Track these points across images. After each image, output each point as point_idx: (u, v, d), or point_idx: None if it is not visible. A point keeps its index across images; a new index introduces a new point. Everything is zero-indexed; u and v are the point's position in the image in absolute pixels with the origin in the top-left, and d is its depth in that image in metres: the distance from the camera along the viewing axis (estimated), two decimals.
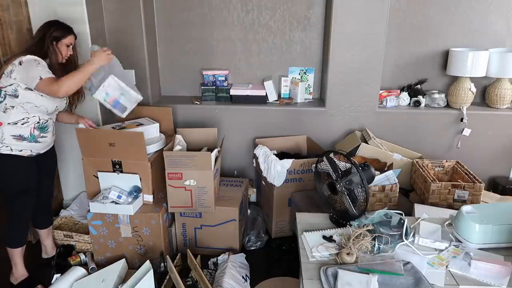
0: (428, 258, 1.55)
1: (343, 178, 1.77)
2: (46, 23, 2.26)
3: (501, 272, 1.46)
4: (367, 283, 1.37)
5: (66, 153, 2.93)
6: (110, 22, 2.93)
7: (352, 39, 2.88)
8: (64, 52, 2.26)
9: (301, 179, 2.73)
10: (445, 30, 3.09)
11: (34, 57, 2.12)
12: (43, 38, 2.20)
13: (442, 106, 3.12)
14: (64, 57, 2.27)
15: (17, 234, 2.31)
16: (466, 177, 2.51)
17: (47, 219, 2.57)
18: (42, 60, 2.14)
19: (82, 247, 2.64)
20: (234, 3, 3.08)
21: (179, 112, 3.13)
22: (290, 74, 3.23)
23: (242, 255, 2.54)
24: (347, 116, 3.08)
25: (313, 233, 1.70)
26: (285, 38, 3.15)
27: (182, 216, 2.62)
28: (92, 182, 2.47)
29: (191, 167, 2.40)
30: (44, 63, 2.15)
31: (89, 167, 2.44)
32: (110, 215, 2.39)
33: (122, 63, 3.00)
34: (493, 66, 2.95)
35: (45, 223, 2.55)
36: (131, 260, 2.49)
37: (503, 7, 3.01)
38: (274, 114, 3.11)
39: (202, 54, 3.22)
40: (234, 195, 2.69)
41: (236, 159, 3.25)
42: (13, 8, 2.54)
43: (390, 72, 3.20)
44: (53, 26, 2.24)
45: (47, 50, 2.20)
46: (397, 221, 1.67)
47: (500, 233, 1.60)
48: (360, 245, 1.56)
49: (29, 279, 2.38)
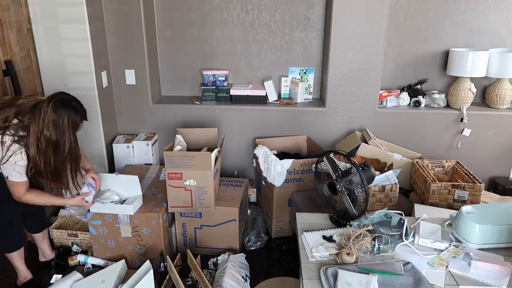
0: (428, 258, 1.55)
1: (343, 178, 1.77)
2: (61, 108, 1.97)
3: (501, 272, 1.46)
4: (367, 283, 1.37)
5: None
6: (110, 22, 2.93)
7: (352, 39, 2.88)
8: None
9: (301, 179, 2.73)
10: (445, 30, 3.09)
11: (19, 152, 1.91)
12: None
13: (442, 106, 3.12)
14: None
15: (10, 238, 2.26)
16: (466, 177, 2.51)
17: (39, 224, 2.50)
18: (23, 158, 1.93)
19: (88, 245, 2.63)
20: (234, 3, 3.08)
21: (179, 112, 3.13)
22: (290, 74, 3.23)
23: (242, 255, 2.54)
24: (347, 116, 3.08)
25: (313, 233, 1.70)
26: (285, 38, 3.15)
27: (182, 216, 2.62)
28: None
29: (191, 167, 2.40)
30: (23, 162, 1.93)
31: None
32: (110, 215, 2.39)
33: (122, 63, 3.03)
34: (493, 66, 2.95)
35: (37, 227, 2.49)
36: (131, 260, 2.49)
37: (503, 7, 3.01)
38: (274, 114, 3.11)
39: (202, 54, 3.22)
40: (234, 195, 2.69)
41: (236, 159, 3.25)
42: (13, 8, 2.54)
43: (390, 72, 3.20)
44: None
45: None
46: (397, 221, 1.67)
47: (500, 233, 1.60)
48: (360, 245, 1.56)
49: (32, 281, 2.37)
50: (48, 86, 2.77)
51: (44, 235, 2.55)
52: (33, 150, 1.93)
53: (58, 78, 2.75)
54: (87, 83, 2.78)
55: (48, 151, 1.95)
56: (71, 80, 2.76)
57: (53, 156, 1.97)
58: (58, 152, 1.98)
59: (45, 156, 1.95)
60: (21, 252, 2.32)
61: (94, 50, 2.76)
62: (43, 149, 1.94)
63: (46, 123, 1.91)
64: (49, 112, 1.92)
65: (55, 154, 1.97)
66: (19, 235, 2.32)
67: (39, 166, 1.97)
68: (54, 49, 2.71)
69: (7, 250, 2.29)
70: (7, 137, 1.91)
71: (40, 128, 1.91)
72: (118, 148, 3.03)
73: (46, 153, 1.95)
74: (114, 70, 3.06)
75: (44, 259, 2.58)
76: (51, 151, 1.96)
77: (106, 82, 2.98)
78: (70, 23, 2.66)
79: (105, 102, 2.98)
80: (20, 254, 2.32)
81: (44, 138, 1.92)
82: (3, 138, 1.91)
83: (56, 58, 2.72)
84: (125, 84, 3.09)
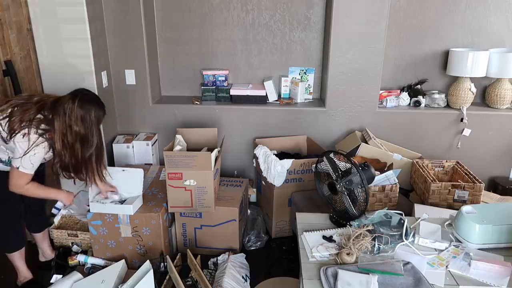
0: (428, 258, 1.55)
1: (343, 178, 1.77)
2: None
3: (501, 272, 1.46)
4: (367, 283, 1.37)
5: None
6: (110, 22, 2.93)
7: (352, 39, 2.88)
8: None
9: (301, 179, 2.73)
10: (445, 30, 3.09)
11: (42, 145, 1.99)
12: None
13: (442, 106, 3.12)
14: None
15: (11, 238, 2.27)
16: (466, 177, 2.51)
17: (40, 224, 2.52)
18: (43, 151, 2.01)
19: (88, 245, 2.63)
20: (234, 3, 3.08)
21: (179, 112, 3.13)
22: (290, 74, 3.23)
23: (242, 255, 2.54)
24: (347, 116, 3.08)
25: (313, 233, 1.70)
26: (285, 38, 3.15)
27: (182, 216, 2.62)
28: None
29: (191, 167, 2.40)
30: (41, 154, 2.01)
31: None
32: (110, 215, 2.39)
33: (122, 63, 3.03)
34: (493, 66, 2.95)
35: (38, 227, 2.50)
36: (131, 260, 2.49)
37: (503, 7, 3.01)
38: (274, 114, 3.11)
39: (202, 54, 3.22)
40: (234, 195, 2.69)
41: (236, 159, 3.25)
42: (13, 8, 2.54)
43: (390, 72, 3.20)
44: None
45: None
46: (397, 221, 1.67)
47: (500, 233, 1.60)
48: (360, 245, 1.56)
49: (33, 281, 2.37)
50: (48, 86, 2.77)
51: (44, 235, 2.56)
52: (58, 144, 2.01)
53: (58, 78, 2.75)
54: (87, 83, 2.78)
55: (76, 145, 2.04)
56: (71, 80, 2.76)
57: (80, 150, 2.06)
58: (86, 146, 2.08)
59: (72, 150, 2.04)
60: (22, 252, 2.33)
61: (94, 50, 2.76)
62: (70, 144, 2.02)
63: (74, 119, 2.00)
64: (75, 109, 2.00)
65: (82, 147, 2.06)
66: (21, 235, 2.33)
67: (63, 160, 2.05)
68: (54, 49, 2.70)
69: (8, 250, 2.29)
70: (33, 130, 1.98)
71: (67, 124, 1.99)
72: (118, 148, 3.03)
73: (74, 147, 2.04)
74: (114, 70, 3.06)
75: (44, 259, 2.59)
76: (79, 145, 2.05)
77: (106, 82, 2.98)
78: (70, 23, 2.66)
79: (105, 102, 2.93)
80: (21, 254, 2.33)
81: (72, 133, 2.01)
82: (29, 132, 1.97)
83: (56, 58, 2.71)
84: (125, 84, 3.09)
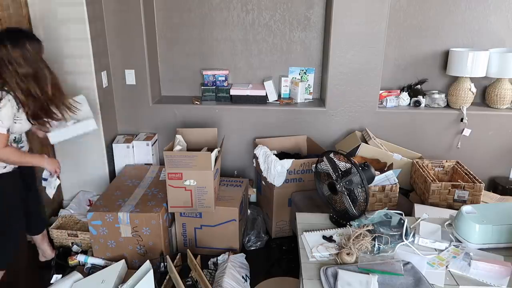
0: (428, 258, 1.55)
1: (343, 178, 1.77)
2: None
3: (501, 272, 1.46)
4: (367, 283, 1.37)
5: (63, 155, 2.95)
6: (110, 22, 2.93)
7: (352, 39, 2.88)
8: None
9: (301, 179, 2.73)
10: (445, 30, 3.09)
11: (6, 98, 1.92)
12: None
13: (442, 106, 3.12)
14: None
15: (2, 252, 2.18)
16: (466, 177, 2.51)
17: (39, 226, 2.50)
18: (10, 106, 1.92)
19: (88, 245, 2.63)
20: (234, 3, 3.08)
21: (179, 112, 3.13)
22: (290, 74, 3.23)
23: (242, 255, 2.54)
24: (347, 116, 3.08)
25: (313, 233, 1.70)
26: (285, 38, 3.15)
27: (182, 216, 2.62)
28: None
29: (191, 167, 2.40)
30: (9, 109, 1.92)
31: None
32: (110, 215, 2.39)
33: (122, 63, 3.03)
34: (493, 66, 2.95)
35: (37, 229, 2.49)
36: (131, 260, 2.49)
37: (503, 7, 3.01)
38: (274, 114, 3.11)
39: (202, 54, 3.22)
40: (234, 195, 2.69)
41: (236, 159, 3.25)
42: (13, 8, 2.54)
43: (390, 72, 3.20)
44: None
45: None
46: (397, 221, 1.67)
47: (500, 233, 1.60)
48: (360, 245, 1.56)
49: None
50: None
51: (43, 236, 2.55)
52: (19, 94, 1.95)
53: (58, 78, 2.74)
54: (87, 83, 2.78)
55: (32, 86, 1.97)
56: (71, 80, 2.76)
57: (38, 89, 1.99)
58: (41, 82, 2.01)
59: (32, 93, 1.97)
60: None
61: (94, 50, 2.76)
62: (26, 88, 1.96)
63: (16, 63, 1.92)
64: (11, 53, 1.91)
65: (38, 86, 2.00)
66: (11, 252, 2.21)
67: (30, 108, 2.00)
68: (54, 49, 2.70)
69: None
70: None
71: (12, 70, 1.92)
72: (118, 148, 3.02)
73: (31, 90, 1.97)
74: (114, 70, 3.06)
75: (44, 258, 2.58)
76: (34, 85, 1.98)
77: (106, 82, 2.98)
78: (70, 23, 2.66)
79: (105, 102, 2.98)
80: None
81: (22, 76, 1.94)
82: None
83: (56, 58, 2.71)
84: (125, 84, 3.09)
